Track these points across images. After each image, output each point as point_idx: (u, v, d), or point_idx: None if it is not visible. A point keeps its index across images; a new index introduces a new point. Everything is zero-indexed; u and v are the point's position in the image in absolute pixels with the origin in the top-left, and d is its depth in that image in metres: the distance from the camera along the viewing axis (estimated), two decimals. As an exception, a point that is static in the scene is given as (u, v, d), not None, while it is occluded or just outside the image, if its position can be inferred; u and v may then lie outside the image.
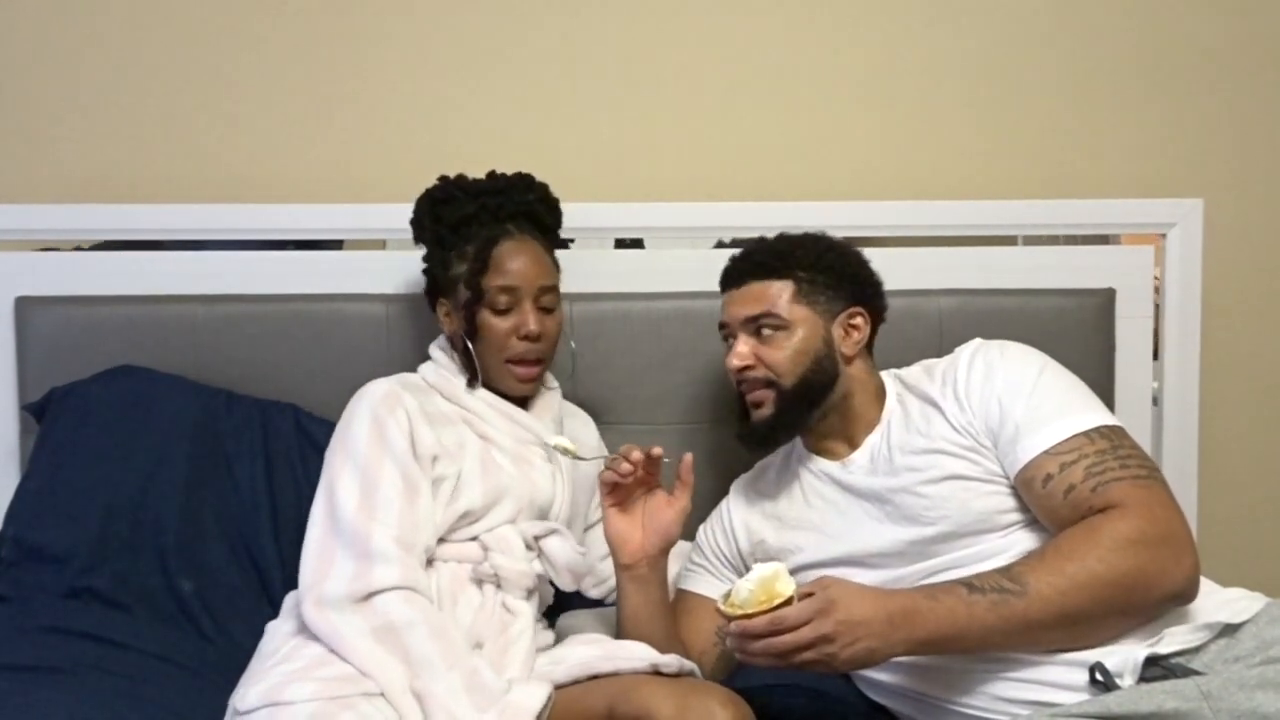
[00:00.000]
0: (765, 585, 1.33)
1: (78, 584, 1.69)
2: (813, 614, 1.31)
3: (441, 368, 1.73)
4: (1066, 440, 1.46)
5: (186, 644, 1.65)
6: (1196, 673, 1.31)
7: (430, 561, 1.56)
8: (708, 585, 1.68)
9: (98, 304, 1.93)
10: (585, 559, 1.65)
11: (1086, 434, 1.46)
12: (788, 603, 1.32)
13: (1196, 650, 1.37)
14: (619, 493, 1.57)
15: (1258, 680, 1.25)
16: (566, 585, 1.64)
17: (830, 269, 1.64)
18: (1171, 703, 1.24)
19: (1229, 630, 1.38)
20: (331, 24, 2.06)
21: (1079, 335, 1.99)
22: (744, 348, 1.62)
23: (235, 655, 1.57)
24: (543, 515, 1.65)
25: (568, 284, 1.97)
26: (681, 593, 1.70)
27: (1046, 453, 1.46)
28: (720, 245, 2.10)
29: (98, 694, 1.45)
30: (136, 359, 1.88)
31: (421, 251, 1.79)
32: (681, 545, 1.74)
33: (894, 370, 1.70)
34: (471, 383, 1.69)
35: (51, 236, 2.02)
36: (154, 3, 2.05)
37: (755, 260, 1.65)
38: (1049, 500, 1.45)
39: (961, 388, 1.56)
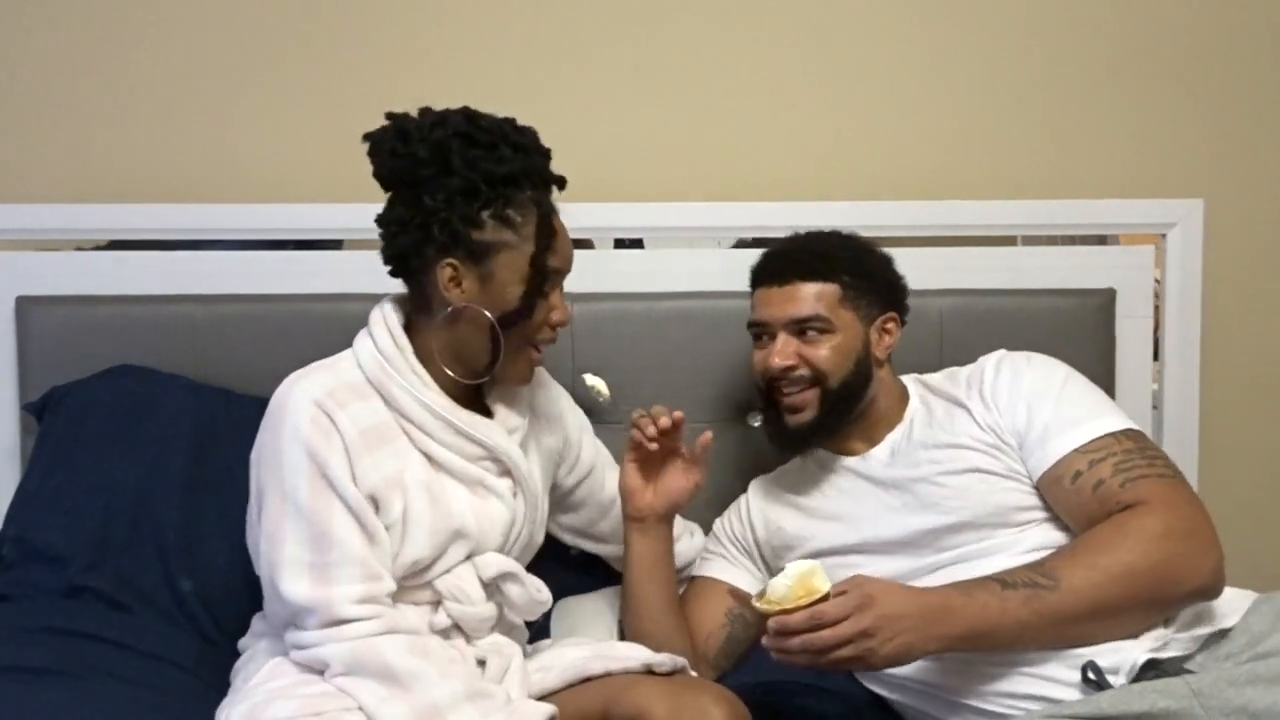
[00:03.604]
0: (802, 581, 1.31)
1: (78, 584, 1.68)
2: (852, 609, 1.31)
3: (386, 358, 1.48)
4: (1096, 440, 1.49)
5: (186, 644, 1.65)
6: (1187, 670, 1.33)
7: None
8: (721, 569, 1.70)
9: (98, 304, 1.93)
10: (542, 596, 1.52)
11: (1114, 435, 1.50)
12: (824, 599, 1.31)
13: (1191, 654, 1.39)
14: (643, 450, 1.57)
15: (1247, 676, 1.27)
16: (527, 617, 1.56)
17: (871, 274, 1.67)
18: (1163, 702, 1.26)
19: (1221, 633, 1.40)
20: (332, 23, 2.06)
21: (1079, 335, 1.99)
22: (788, 347, 1.62)
23: (235, 655, 1.57)
24: (500, 544, 1.51)
25: (568, 284, 1.97)
26: (694, 579, 1.71)
27: (1077, 451, 1.49)
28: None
29: (98, 694, 1.44)
30: (136, 359, 1.88)
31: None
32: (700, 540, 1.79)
33: (915, 375, 1.74)
34: (489, 369, 1.48)
35: (51, 236, 2.02)
36: (154, 3, 2.05)
37: (799, 260, 1.65)
38: (1077, 496, 1.47)
39: (988, 389, 1.60)
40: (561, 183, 1.53)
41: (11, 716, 1.38)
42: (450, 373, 1.49)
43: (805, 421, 1.63)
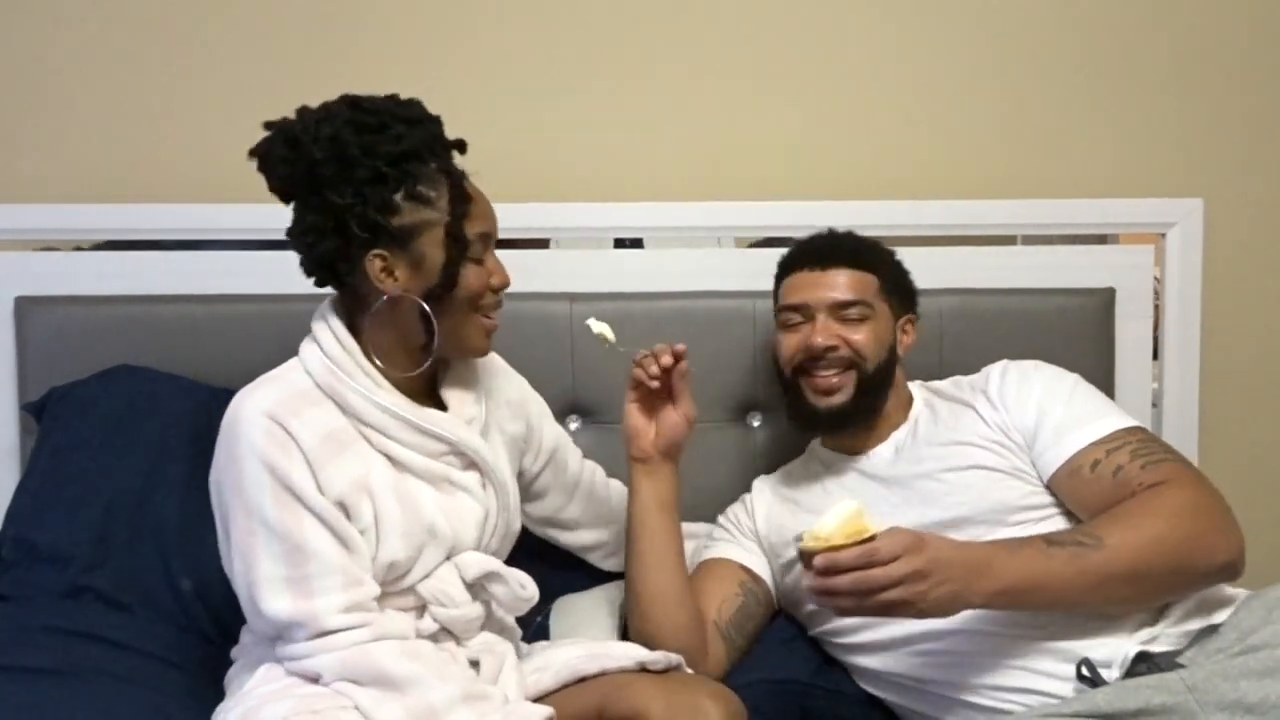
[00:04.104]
0: (850, 520, 1.27)
1: (78, 583, 1.69)
2: (905, 549, 1.29)
3: (334, 362, 1.44)
4: (1110, 434, 1.53)
5: (186, 644, 1.65)
6: (1179, 665, 1.34)
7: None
8: (730, 551, 1.71)
9: (98, 304, 1.93)
10: (527, 593, 1.51)
11: (1126, 430, 1.54)
12: (872, 540, 1.27)
13: (1182, 649, 1.40)
14: (643, 390, 1.59)
15: (1240, 670, 1.27)
16: (514, 614, 1.55)
17: (900, 274, 1.74)
18: (1159, 698, 1.27)
19: (1211, 629, 1.41)
20: (331, 23, 2.06)
21: (1079, 335, 1.99)
22: (830, 328, 1.65)
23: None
24: (476, 539, 1.49)
25: (568, 284, 1.97)
26: (702, 563, 1.72)
27: (1093, 444, 1.53)
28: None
29: (98, 694, 1.45)
30: (136, 359, 1.88)
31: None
32: (691, 527, 1.79)
33: (920, 381, 1.77)
34: (427, 350, 1.45)
35: (51, 236, 2.02)
36: (153, 3, 2.05)
37: (843, 248, 1.71)
38: (1097, 483, 1.49)
39: (994, 391, 1.64)
40: (462, 146, 1.48)
41: (11, 716, 1.38)
42: (399, 367, 1.46)
43: (839, 404, 1.65)
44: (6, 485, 1.89)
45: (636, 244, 2.15)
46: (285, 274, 1.96)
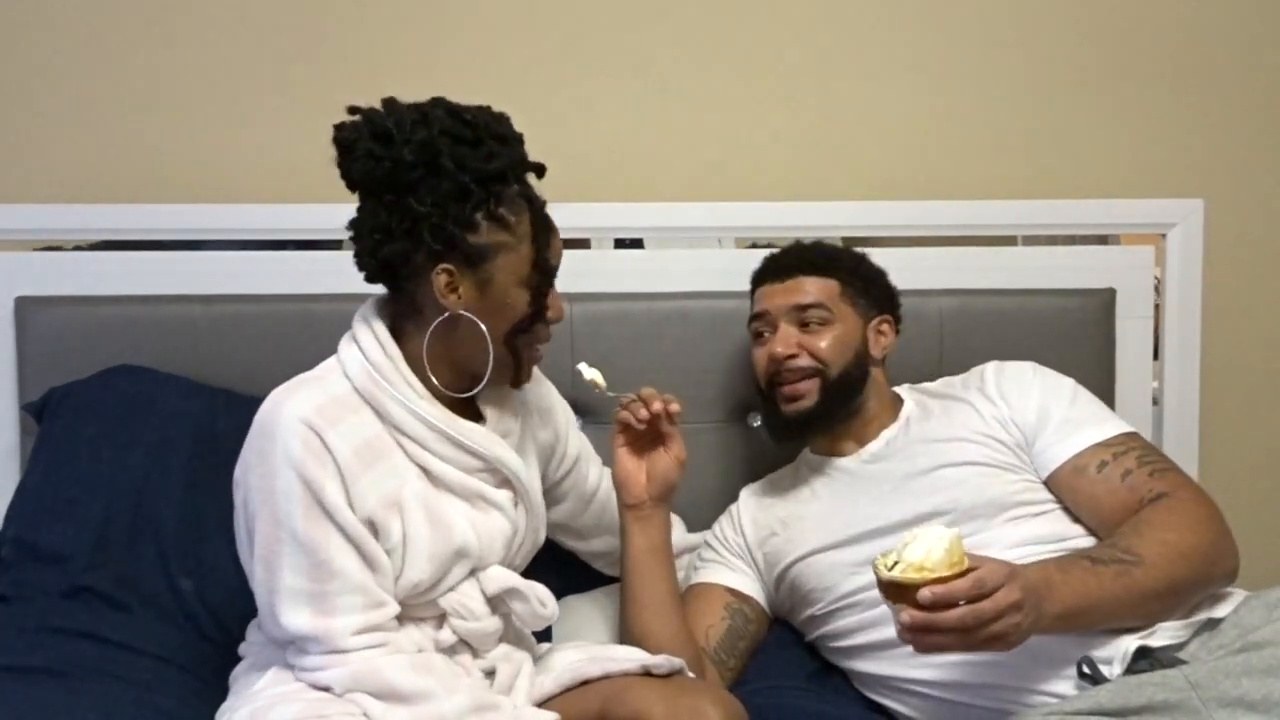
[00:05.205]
0: (953, 550, 1.21)
1: (78, 584, 1.68)
2: (1005, 578, 1.26)
3: (375, 367, 1.41)
4: (1115, 437, 1.56)
5: (186, 644, 1.65)
6: (1182, 662, 1.34)
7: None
8: (717, 574, 1.70)
9: (98, 304, 1.93)
10: (546, 611, 1.48)
11: (1129, 434, 1.57)
12: (967, 572, 1.22)
13: (1182, 642, 1.40)
14: (632, 433, 1.57)
15: (1242, 668, 1.27)
16: (533, 628, 1.54)
17: (867, 276, 1.74)
18: (1161, 695, 1.27)
19: (1211, 622, 1.41)
20: (331, 23, 2.06)
21: (1079, 335, 1.99)
22: (790, 337, 1.66)
23: (235, 655, 1.56)
24: (502, 556, 1.48)
25: (568, 284, 1.97)
26: (690, 587, 1.71)
27: (1099, 444, 1.55)
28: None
29: (98, 694, 1.45)
30: (136, 359, 1.88)
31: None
32: (692, 538, 1.79)
33: (908, 385, 1.77)
34: (481, 373, 1.42)
35: (51, 236, 2.02)
36: (153, 3, 2.05)
37: (802, 257, 1.73)
38: (1105, 483, 1.51)
39: (992, 386, 1.66)
40: (541, 170, 1.45)
41: (11, 716, 1.38)
42: (441, 380, 1.43)
43: (804, 409, 1.66)
44: (6, 485, 1.89)
45: (636, 244, 2.16)
46: (285, 274, 1.98)
